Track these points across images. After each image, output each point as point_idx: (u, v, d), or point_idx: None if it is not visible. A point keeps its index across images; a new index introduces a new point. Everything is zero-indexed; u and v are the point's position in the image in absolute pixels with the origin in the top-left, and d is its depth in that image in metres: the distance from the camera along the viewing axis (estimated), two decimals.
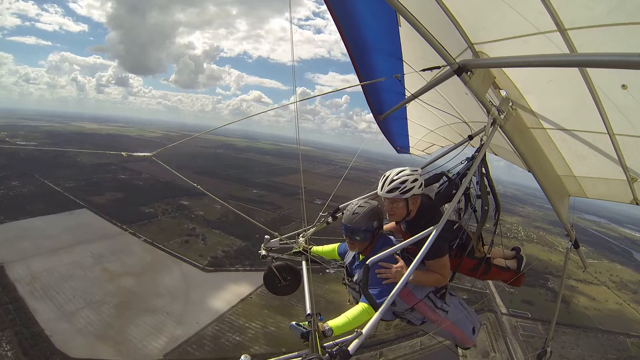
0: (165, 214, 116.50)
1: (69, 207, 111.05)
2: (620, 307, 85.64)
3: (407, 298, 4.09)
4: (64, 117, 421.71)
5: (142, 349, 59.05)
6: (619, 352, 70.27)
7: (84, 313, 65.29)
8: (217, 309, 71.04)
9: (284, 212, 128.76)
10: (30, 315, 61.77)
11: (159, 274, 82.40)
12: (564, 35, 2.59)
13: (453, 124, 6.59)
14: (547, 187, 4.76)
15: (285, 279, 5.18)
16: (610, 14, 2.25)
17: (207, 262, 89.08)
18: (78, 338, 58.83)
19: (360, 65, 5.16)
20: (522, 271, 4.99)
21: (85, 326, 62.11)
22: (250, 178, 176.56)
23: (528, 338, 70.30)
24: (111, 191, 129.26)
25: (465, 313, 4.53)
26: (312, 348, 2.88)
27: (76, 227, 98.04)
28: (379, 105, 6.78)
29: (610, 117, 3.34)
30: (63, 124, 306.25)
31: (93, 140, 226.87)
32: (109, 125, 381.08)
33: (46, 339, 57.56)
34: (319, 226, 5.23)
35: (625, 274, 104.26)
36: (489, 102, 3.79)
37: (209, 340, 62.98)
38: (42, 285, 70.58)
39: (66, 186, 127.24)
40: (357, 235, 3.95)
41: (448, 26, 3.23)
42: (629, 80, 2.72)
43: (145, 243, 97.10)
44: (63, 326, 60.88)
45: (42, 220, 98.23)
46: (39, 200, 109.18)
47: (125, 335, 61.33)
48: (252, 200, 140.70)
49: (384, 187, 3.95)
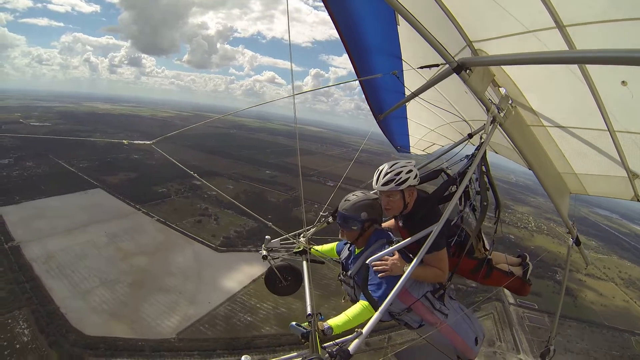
0: (178, 194, 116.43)
1: (83, 187, 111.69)
2: (627, 305, 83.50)
3: (403, 297, 3.81)
4: (76, 98, 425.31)
5: (156, 327, 59.20)
6: (623, 350, 68.83)
7: (99, 291, 65.67)
8: (229, 289, 70.91)
9: (296, 194, 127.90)
10: (47, 294, 62.22)
11: (171, 253, 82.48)
12: (563, 32, 2.56)
13: (453, 122, 6.60)
14: (548, 184, 4.69)
15: (286, 279, 5.13)
16: (609, 10, 2.21)
17: (220, 242, 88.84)
18: (93, 316, 59.14)
19: (359, 64, 5.01)
20: (528, 279, 4.79)
21: (100, 304, 62.46)
22: (262, 158, 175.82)
23: (534, 329, 69.45)
24: (124, 171, 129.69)
25: (466, 319, 4.24)
26: (312, 348, 2.86)
27: (90, 206, 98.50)
28: (378, 104, 6.66)
29: (610, 113, 3.31)
30: (76, 105, 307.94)
31: (105, 120, 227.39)
32: (122, 105, 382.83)
33: (62, 316, 57.89)
34: (319, 226, 5.09)
35: (634, 271, 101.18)
36: (488, 100, 3.70)
37: (220, 320, 62.94)
38: (58, 264, 71.03)
39: (80, 166, 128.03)
40: (343, 221, 3.92)
41: (447, 24, 3.21)
42: (629, 76, 2.66)
43: (158, 222, 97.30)
44: (78, 304, 61.24)
45: (56, 200, 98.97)
46: (54, 180, 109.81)
47: (139, 314, 61.56)
48: (264, 181, 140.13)
49: (378, 180, 3.85)
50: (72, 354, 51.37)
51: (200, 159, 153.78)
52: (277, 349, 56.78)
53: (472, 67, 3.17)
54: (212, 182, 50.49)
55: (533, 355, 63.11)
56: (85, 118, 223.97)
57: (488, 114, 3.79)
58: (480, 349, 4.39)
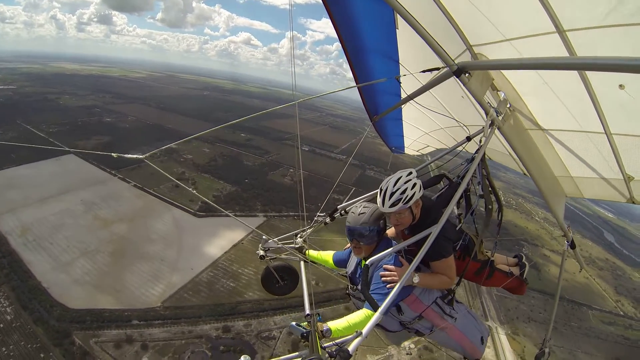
0: (154, 158, 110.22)
1: (54, 153, 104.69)
2: (587, 282, 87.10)
3: (414, 305, 3.67)
4: (43, 58, 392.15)
5: (140, 296, 58.17)
6: (580, 322, 72.63)
7: (80, 263, 63.32)
8: (211, 255, 70.02)
9: (271, 157, 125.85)
10: (26, 268, 59.43)
11: (150, 219, 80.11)
12: (563, 37, 2.54)
13: (448, 127, 6.53)
14: (544, 188, 4.39)
15: (283, 279, 5.05)
16: (609, 15, 2.18)
17: (198, 207, 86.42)
18: (76, 288, 57.24)
19: (357, 65, 4.84)
20: (525, 279, 4.77)
21: (82, 276, 60.39)
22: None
23: (501, 298, 72.41)
24: (97, 135, 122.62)
25: (472, 320, 4.17)
26: (312, 348, 2.76)
27: (64, 173, 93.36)
28: (374, 106, 6.49)
29: (607, 116, 3.25)
30: (42, 65, 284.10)
31: (74, 81, 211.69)
32: (91, 65, 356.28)
33: (44, 291, 55.70)
34: (316, 226, 4.98)
35: (594, 250, 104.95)
36: (487, 104, 3.56)
37: (204, 286, 62.46)
38: (35, 236, 67.60)
39: (50, 131, 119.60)
40: (363, 236, 3.65)
41: (447, 28, 3.17)
42: (626, 80, 2.66)
43: (135, 188, 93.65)
44: (60, 277, 58.99)
45: (28, 168, 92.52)
46: (23, 147, 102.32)
47: (123, 283, 60.16)
48: (240, 144, 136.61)
49: (385, 202, 3.53)
50: (58, 330, 49.83)
51: (175, 121, 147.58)
52: (260, 314, 57.33)
53: (471, 70, 3.09)
54: (188, 146, 47.41)
55: (500, 321, 66.91)
56: (53, 79, 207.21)
57: (487, 118, 3.67)
58: (485, 347, 4.31)
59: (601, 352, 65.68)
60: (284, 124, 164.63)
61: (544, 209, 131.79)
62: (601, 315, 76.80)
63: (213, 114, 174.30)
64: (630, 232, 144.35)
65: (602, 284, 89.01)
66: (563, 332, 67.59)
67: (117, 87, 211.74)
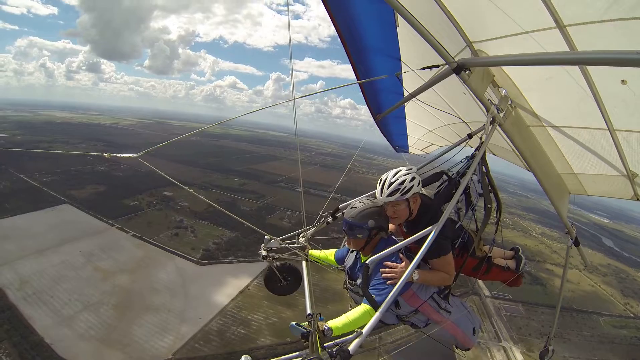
0: (151, 207, 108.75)
1: (50, 203, 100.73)
2: (593, 289, 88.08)
3: (411, 300, 3.76)
4: (32, 106, 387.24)
5: (150, 349, 54.76)
6: (592, 330, 72.76)
7: (83, 316, 59.51)
8: (218, 303, 67.32)
9: (267, 201, 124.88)
10: (27, 324, 55.23)
11: (153, 269, 76.85)
12: (563, 32, 2.48)
13: (451, 124, 6.41)
14: (547, 185, 4.45)
15: (286, 279, 4.97)
16: (609, 10, 2.14)
17: (200, 255, 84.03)
18: (81, 344, 53.46)
19: (358, 64, 4.81)
20: (521, 271, 4.70)
21: (87, 330, 56.62)
22: (230, 166, 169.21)
23: (511, 318, 72.16)
24: (92, 184, 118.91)
25: (466, 313, 4.24)
26: (313, 348, 2.76)
27: (60, 224, 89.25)
28: (377, 104, 6.44)
29: (610, 112, 3.18)
30: (32, 113, 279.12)
31: (64, 129, 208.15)
32: (80, 113, 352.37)
33: (47, 347, 51.68)
34: (318, 226, 4.88)
35: (595, 257, 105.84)
36: (488, 101, 3.53)
37: (214, 335, 59.52)
38: (34, 289, 63.51)
39: (44, 180, 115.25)
40: (352, 229, 3.66)
41: (447, 25, 3.11)
42: (629, 75, 2.59)
43: (135, 238, 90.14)
44: (63, 332, 55.06)
45: (23, 218, 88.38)
46: (17, 197, 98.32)
47: (131, 337, 56.66)
48: (235, 190, 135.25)
49: (383, 191, 3.65)
50: None
51: (167, 168, 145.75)
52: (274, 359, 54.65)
53: (472, 67, 3.03)
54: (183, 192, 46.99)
55: (513, 341, 65.88)
56: (43, 127, 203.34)
57: (488, 115, 3.63)
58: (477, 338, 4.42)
59: (617, 356, 65.24)
60: (276, 167, 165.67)
61: (540, 225, 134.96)
62: (612, 320, 76.74)
63: (205, 159, 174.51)
64: (627, 234, 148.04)
65: (608, 289, 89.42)
66: (577, 343, 67.32)
67: (108, 135, 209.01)
